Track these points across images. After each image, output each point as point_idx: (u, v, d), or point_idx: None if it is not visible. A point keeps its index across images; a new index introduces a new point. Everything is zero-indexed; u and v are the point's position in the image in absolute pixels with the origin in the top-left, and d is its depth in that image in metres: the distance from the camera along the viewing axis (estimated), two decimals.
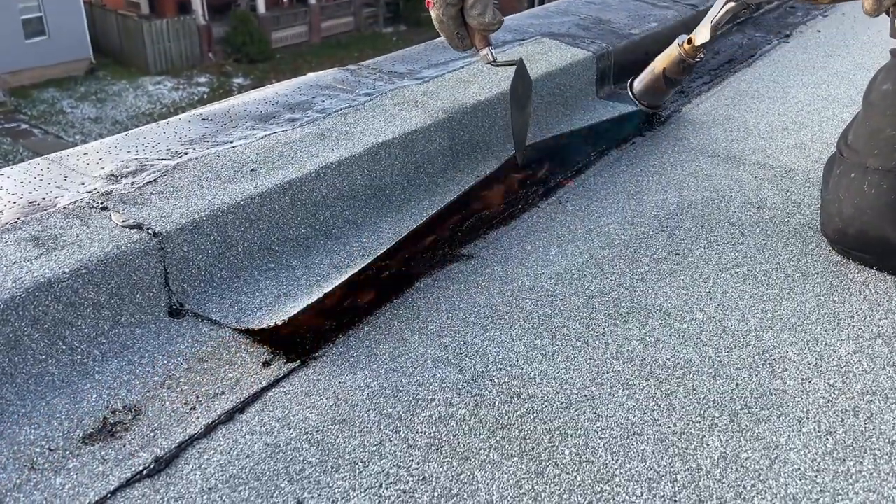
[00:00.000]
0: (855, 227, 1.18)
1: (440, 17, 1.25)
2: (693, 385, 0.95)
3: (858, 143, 1.20)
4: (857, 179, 1.18)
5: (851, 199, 1.18)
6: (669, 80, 1.51)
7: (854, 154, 1.20)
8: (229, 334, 1.03)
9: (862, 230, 1.17)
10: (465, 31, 1.28)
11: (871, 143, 1.18)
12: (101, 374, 0.95)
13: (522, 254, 1.24)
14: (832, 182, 1.23)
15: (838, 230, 1.21)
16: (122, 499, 0.78)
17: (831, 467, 0.83)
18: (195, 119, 1.40)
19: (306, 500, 0.79)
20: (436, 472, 0.82)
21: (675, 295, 1.13)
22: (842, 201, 1.20)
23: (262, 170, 1.21)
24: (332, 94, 1.53)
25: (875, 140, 1.17)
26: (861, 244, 1.19)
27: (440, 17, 1.25)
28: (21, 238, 1.00)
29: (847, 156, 1.21)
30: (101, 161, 1.21)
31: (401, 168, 1.37)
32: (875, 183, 1.15)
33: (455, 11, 1.24)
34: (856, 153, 1.20)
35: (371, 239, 1.27)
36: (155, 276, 1.04)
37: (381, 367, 0.98)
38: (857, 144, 1.20)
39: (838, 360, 1.00)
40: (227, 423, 0.88)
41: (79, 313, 0.96)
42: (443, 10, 1.24)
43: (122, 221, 1.05)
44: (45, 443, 0.85)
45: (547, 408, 0.91)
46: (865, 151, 1.18)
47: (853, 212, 1.18)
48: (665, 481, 0.81)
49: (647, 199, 1.43)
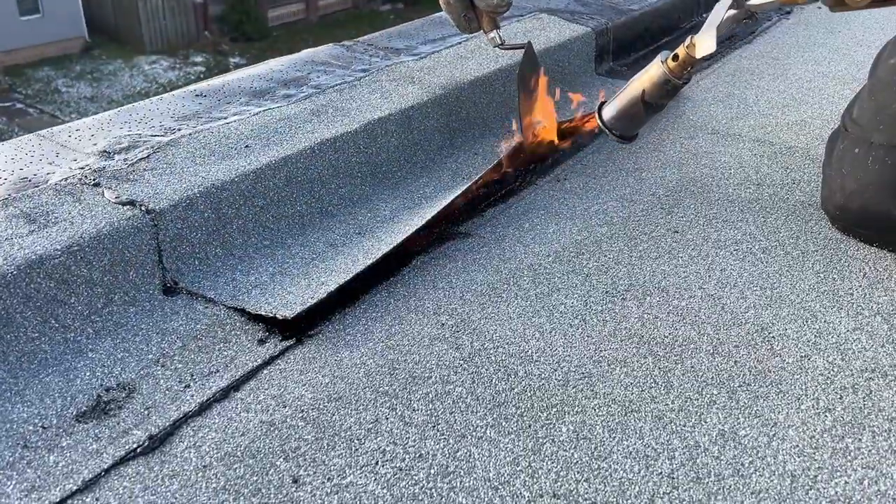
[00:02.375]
0: (857, 203, 1.17)
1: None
2: (691, 362, 0.94)
3: (863, 118, 1.19)
4: (861, 155, 1.17)
5: (855, 175, 1.17)
6: (649, 106, 1.18)
7: (858, 129, 1.18)
8: (224, 312, 1.02)
9: (864, 206, 1.16)
10: (473, 13, 1.26)
11: (876, 118, 1.16)
12: (94, 352, 0.94)
13: (520, 231, 1.23)
14: (835, 157, 1.22)
15: (840, 206, 1.20)
16: (117, 476, 0.78)
17: (830, 444, 0.83)
18: (189, 95, 1.38)
19: (302, 477, 0.78)
20: (432, 450, 0.82)
21: (674, 272, 1.13)
22: (844, 176, 1.19)
23: (256, 146, 1.19)
24: (328, 70, 1.51)
25: (881, 115, 1.16)
26: (863, 220, 1.18)
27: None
28: (12, 215, 0.98)
29: (851, 130, 1.20)
30: (93, 137, 1.19)
31: (397, 145, 1.36)
32: (879, 158, 1.14)
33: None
34: (860, 128, 1.18)
35: (367, 216, 1.25)
36: (148, 254, 1.03)
37: (378, 344, 0.98)
38: (862, 119, 1.19)
39: (837, 337, 0.99)
40: (221, 401, 0.88)
41: (71, 291, 0.95)
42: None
43: (115, 198, 1.03)
44: (38, 421, 0.84)
45: (544, 385, 0.91)
46: (870, 126, 1.17)
47: (856, 187, 1.17)
48: (663, 458, 0.81)
49: (645, 176, 1.41)
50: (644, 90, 1.16)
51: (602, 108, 1.22)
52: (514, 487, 0.77)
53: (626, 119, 1.20)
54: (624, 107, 1.19)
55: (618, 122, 1.21)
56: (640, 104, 1.17)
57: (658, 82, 1.14)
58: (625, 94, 1.19)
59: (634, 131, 1.24)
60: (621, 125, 1.21)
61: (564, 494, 0.77)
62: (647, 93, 1.16)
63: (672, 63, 1.13)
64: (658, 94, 1.16)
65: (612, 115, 1.20)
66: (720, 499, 0.76)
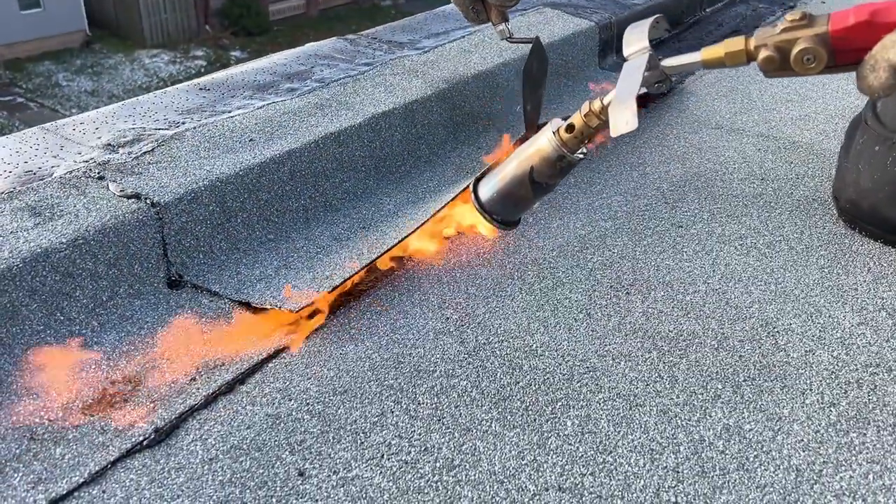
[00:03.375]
0: (869, 202, 1.17)
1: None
2: (696, 357, 0.94)
3: (887, 115, 1.17)
4: (880, 153, 1.15)
5: (871, 173, 1.16)
6: (539, 186, 0.95)
7: (880, 126, 1.17)
8: (228, 305, 1.02)
9: (875, 206, 1.16)
10: (481, 4, 1.25)
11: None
12: (99, 345, 0.94)
13: (524, 226, 1.23)
14: (854, 150, 1.21)
15: (851, 200, 1.20)
16: (123, 469, 0.78)
17: (834, 439, 0.83)
18: (193, 89, 1.38)
19: (308, 470, 0.78)
20: (438, 443, 0.82)
21: (678, 267, 1.13)
22: (860, 173, 1.18)
23: (260, 140, 1.19)
24: (332, 63, 1.51)
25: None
26: (872, 219, 1.18)
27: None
28: (17, 208, 0.98)
29: (872, 125, 1.18)
30: (97, 131, 1.19)
31: (401, 139, 1.35)
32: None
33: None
34: (882, 126, 1.17)
35: (371, 210, 1.25)
36: (153, 247, 1.03)
37: (382, 338, 0.98)
38: (886, 116, 1.17)
39: (842, 332, 0.99)
40: (227, 394, 0.88)
41: (76, 284, 0.95)
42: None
43: (120, 191, 1.03)
44: (44, 413, 0.84)
45: (549, 379, 0.91)
46: (894, 125, 1.15)
47: (870, 186, 1.16)
48: (668, 452, 0.81)
49: (649, 171, 1.41)
50: (532, 167, 0.93)
51: (479, 186, 0.99)
52: (520, 481, 0.77)
53: (509, 201, 0.98)
54: (507, 187, 0.96)
55: (498, 204, 0.98)
56: (527, 185, 0.95)
57: (549, 158, 0.92)
58: (508, 170, 0.96)
59: (518, 216, 1.02)
60: (502, 208, 0.98)
61: (570, 488, 0.77)
62: (535, 170, 0.93)
63: (566, 135, 0.91)
64: (549, 171, 0.93)
65: (492, 195, 0.98)
66: (725, 493, 0.76)
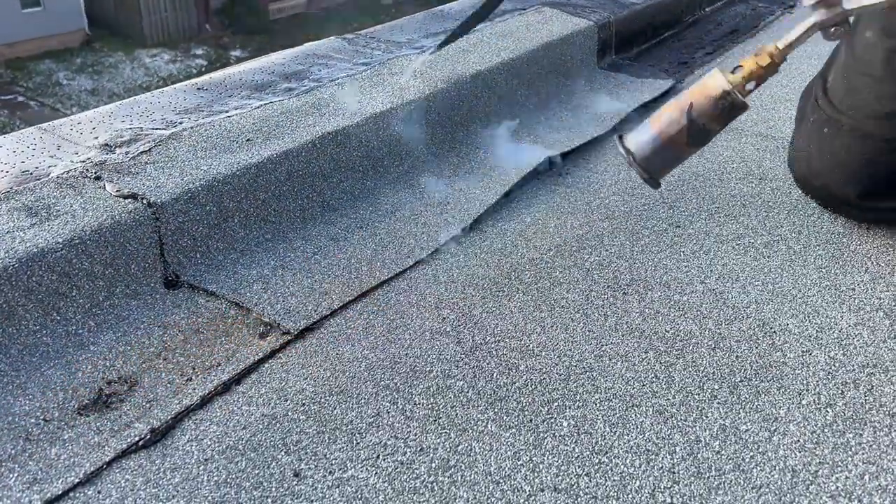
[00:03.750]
0: (820, 181, 1.21)
1: None
2: (692, 357, 0.94)
3: (836, 96, 1.18)
4: (829, 136, 1.17)
5: (822, 155, 1.19)
6: (696, 128, 0.88)
7: (830, 108, 1.18)
8: (225, 305, 1.02)
9: (826, 185, 1.20)
10: None
11: (847, 100, 1.16)
12: (96, 346, 0.94)
13: (522, 226, 1.23)
14: (805, 128, 1.23)
15: (803, 177, 1.24)
16: (118, 469, 0.78)
17: (831, 439, 0.83)
18: (190, 89, 1.38)
19: (303, 471, 0.78)
20: (433, 444, 0.82)
21: (676, 267, 1.12)
22: (811, 154, 1.21)
23: (257, 140, 1.19)
24: (330, 63, 1.51)
25: (853, 99, 1.15)
26: (822, 195, 1.23)
27: None
28: (14, 208, 0.98)
29: (823, 106, 1.19)
30: (94, 131, 1.19)
31: (399, 139, 1.35)
32: (846, 145, 1.15)
33: None
34: (832, 107, 1.18)
35: (369, 210, 1.25)
36: (150, 247, 1.02)
37: (379, 338, 0.98)
38: (835, 97, 1.18)
39: (839, 332, 0.99)
40: (223, 395, 0.88)
41: (73, 284, 0.95)
42: None
43: (117, 191, 1.03)
44: (40, 413, 0.84)
45: (545, 380, 0.91)
46: (842, 108, 1.16)
47: (820, 167, 1.19)
48: (664, 453, 0.81)
49: None
50: (692, 102, 0.88)
51: (627, 135, 0.96)
52: (516, 481, 0.77)
53: (661, 147, 0.91)
54: (662, 126, 0.90)
55: (648, 149, 0.92)
56: (684, 126, 0.89)
57: (712, 92, 0.88)
58: (664, 110, 0.91)
59: (667, 168, 0.96)
60: (652, 154, 0.93)
61: (565, 489, 0.77)
62: (695, 107, 0.88)
63: (731, 75, 0.89)
64: (710, 110, 0.89)
65: (643, 139, 0.92)
66: (721, 493, 0.76)
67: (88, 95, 16.65)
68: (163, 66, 18.27)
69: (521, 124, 1.55)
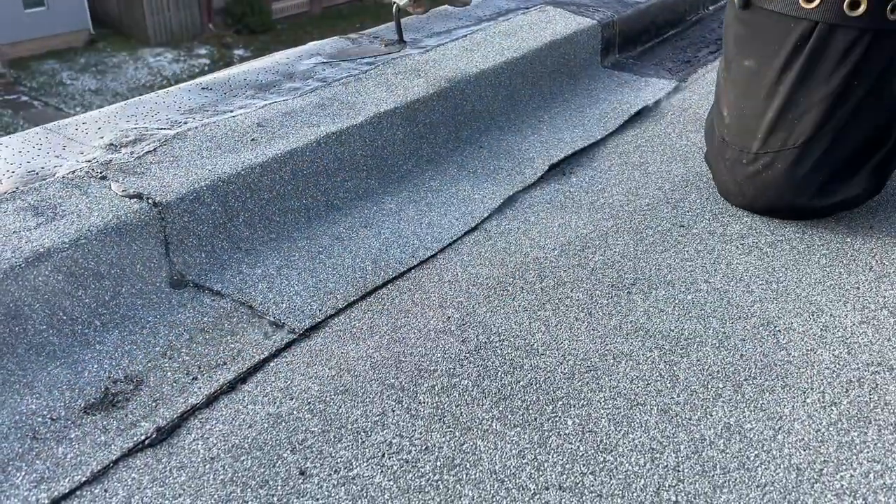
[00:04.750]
0: (761, 203, 1.22)
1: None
2: (697, 356, 0.94)
3: (739, 126, 1.21)
4: (749, 166, 1.20)
5: (751, 183, 1.21)
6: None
7: (738, 139, 1.21)
8: (231, 305, 1.02)
9: (769, 204, 1.22)
10: None
11: (752, 126, 1.18)
12: (102, 345, 0.94)
13: (526, 225, 1.23)
14: (724, 167, 1.25)
15: (744, 205, 1.26)
16: (125, 468, 0.78)
17: (835, 438, 0.83)
18: (195, 88, 1.38)
19: (309, 469, 0.79)
20: (438, 442, 0.82)
21: (680, 266, 1.13)
22: (741, 185, 1.23)
23: (262, 139, 1.20)
24: (333, 63, 1.51)
25: (756, 124, 1.18)
26: (770, 213, 1.24)
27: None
28: (20, 208, 0.99)
29: (731, 141, 1.23)
30: (99, 130, 1.20)
31: (403, 138, 1.36)
32: (768, 164, 1.17)
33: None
34: (739, 138, 1.21)
35: (373, 210, 1.26)
36: (155, 247, 1.03)
37: (384, 337, 0.98)
38: (738, 127, 1.21)
39: (843, 331, 0.99)
40: (228, 394, 0.88)
41: (79, 283, 0.95)
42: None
43: (122, 191, 1.04)
44: (46, 413, 0.84)
45: (550, 378, 0.91)
46: (749, 136, 1.19)
47: (755, 192, 1.21)
48: (668, 451, 0.81)
49: (651, 170, 1.41)
50: None
51: None
52: (520, 480, 0.78)
53: None
54: None
55: None
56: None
57: None
58: None
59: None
60: None
61: (570, 487, 0.77)
62: None
63: None
64: None
65: None
66: (726, 492, 0.76)
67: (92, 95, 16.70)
68: (166, 66, 18.31)
69: (524, 123, 1.55)
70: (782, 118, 1.15)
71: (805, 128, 1.14)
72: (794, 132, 1.15)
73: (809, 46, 1.11)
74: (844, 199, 1.20)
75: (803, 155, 1.15)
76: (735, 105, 1.22)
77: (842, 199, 1.20)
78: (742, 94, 1.20)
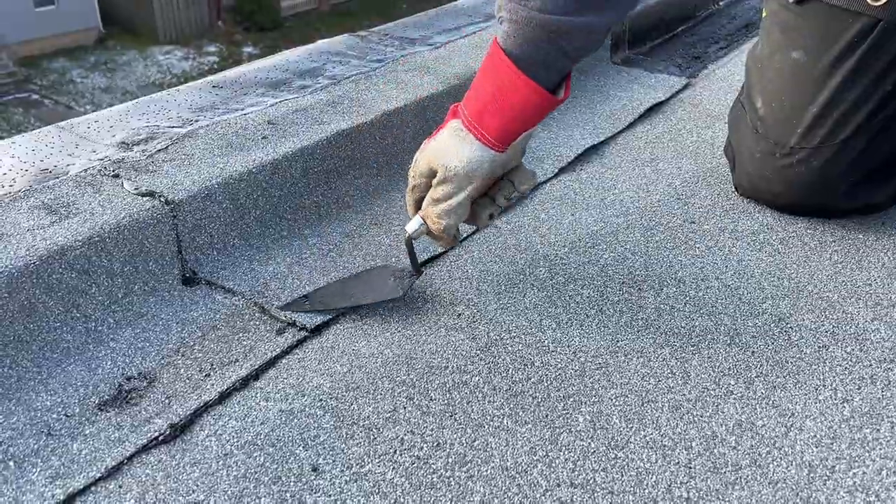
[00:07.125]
0: (785, 199, 1.21)
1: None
2: (708, 353, 0.94)
3: (777, 118, 1.19)
4: (782, 160, 1.18)
5: (780, 179, 1.19)
6: None
7: (773, 131, 1.19)
8: (243, 302, 1.03)
9: (794, 200, 1.20)
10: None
11: (792, 120, 1.16)
12: (115, 342, 0.95)
13: (536, 222, 1.23)
14: (756, 160, 1.23)
15: (769, 202, 1.24)
16: (139, 464, 0.79)
17: (848, 435, 0.82)
18: (206, 87, 1.38)
19: (321, 465, 0.79)
20: (450, 439, 0.82)
21: (691, 263, 1.12)
22: (770, 180, 1.21)
23: (273, 137, 1.20)
24: (343, 60, 1.52)
25: (797, 118, 1.16)
26: (794, 210, 1.23)
27: None
28: (34, 206, 0.99)
29: (764, 132, 1.20)
30: (111, 129, 1.20)
31: (413, 136, 1.36)
32: (804, 161, 1.16)
33: None
34: (774, 131, 1.19)
35: (383, 207, 1.26)
36: (168, 244, 1.03)
37: (394, 335, 0.98)
38: (776, 119, 1.19)
39: (855, 327, 0.99)
40: (241, 390, 0.89)
41: (92, 281, 0.96)
42: None
43: (134, 189, 1.04)
44: (61, 409, 0.85)
45: (561, 375, 0.91)
46: (787, 130, 1.17)
47: (782, 189, 1.20)
48: (680, 448, 0.81)
49: (661, 167, 1.41)
50: None
51: None
52: (532, 476, 0.78)
53: None
54: None
55: None
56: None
57: None
58: None
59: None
60: None
61: (581, 484, 0.77)
62: None
63: None
64: None
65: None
66: (737, 489, 0.76)
67: (102, 93, 16.78)
68: (176, 64, 18.38)
69: None
70: (826, 114, 1.13)
71: (847, 126, 1.12)
72: (835, 130, 1.13)
73: (868, 44, 1.09)
74: (868, 203, 1.19)
75: (841, 154, 1.13)
76: (775, 97, 1.19)
77: (865, 203, 1.19)
78: (785, 86, 1.18)
